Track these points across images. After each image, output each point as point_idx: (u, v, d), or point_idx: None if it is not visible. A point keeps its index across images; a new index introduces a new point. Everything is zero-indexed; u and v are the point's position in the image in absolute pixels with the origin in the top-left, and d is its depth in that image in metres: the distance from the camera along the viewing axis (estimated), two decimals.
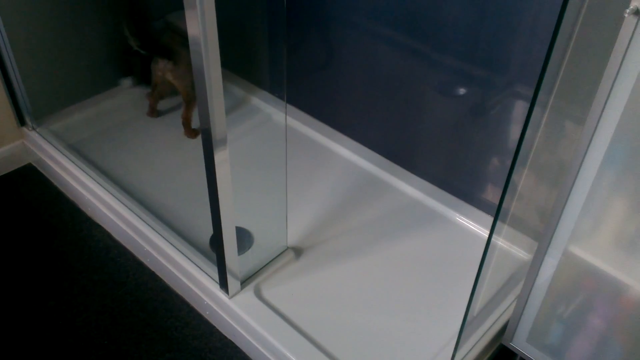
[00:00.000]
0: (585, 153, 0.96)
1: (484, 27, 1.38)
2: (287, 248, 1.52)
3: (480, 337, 1.31)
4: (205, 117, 1.07)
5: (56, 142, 1.82)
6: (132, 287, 1.56)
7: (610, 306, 1.07)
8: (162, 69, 1.80)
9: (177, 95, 1.93)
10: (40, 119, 1.87)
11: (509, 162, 1.50)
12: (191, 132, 1.89)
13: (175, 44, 1.81)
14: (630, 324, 1.06)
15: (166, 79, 1.83)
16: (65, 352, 1.40)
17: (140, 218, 1.58)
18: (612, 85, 0.88)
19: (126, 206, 1.61)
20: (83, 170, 1.72)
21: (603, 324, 1.11)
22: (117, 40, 1.95)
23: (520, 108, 1.41)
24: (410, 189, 1.71)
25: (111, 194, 1.65)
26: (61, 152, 1.78)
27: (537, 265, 1.13)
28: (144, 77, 2.01)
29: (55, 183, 1.85)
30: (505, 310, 1.36)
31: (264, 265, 1.47)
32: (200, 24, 0.95)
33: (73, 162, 1.75)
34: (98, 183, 1.68)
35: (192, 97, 1.84)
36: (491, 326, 1.33)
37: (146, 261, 1.61)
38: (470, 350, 1.29)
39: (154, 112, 1.98)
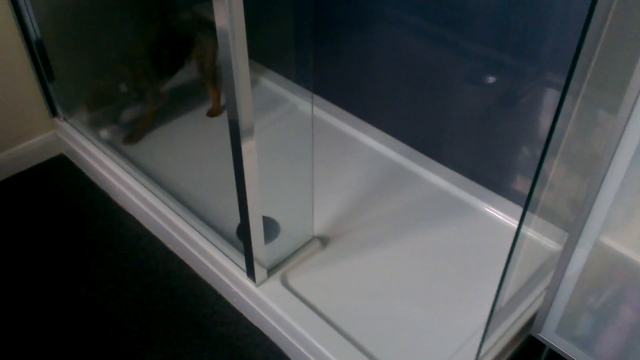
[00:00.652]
0: (618, 142, 0.94)
1: (513, 13, 1.35)
2: (314, 237, 1.53)
3: (508, 327, 1.30)
4: (232, 107, 1.08)
5: (87, 133, 1.85)
6: (161, 274, 1.58)
7: None
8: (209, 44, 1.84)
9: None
10: (72, 110, 1.91)
11: (539, 152, 1.47)
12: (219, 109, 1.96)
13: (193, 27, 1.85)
14: None
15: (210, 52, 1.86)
16: (96, 337, 1.44)
17: (170, 207, 1.60)
18: None
19: (156, 195, 1.64)
20: (113, 160, 1.75)
21: (634, 316, 1.09)
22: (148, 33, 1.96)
23: (551, 96, 1.39)
24: (438, 178, 1.70)
25: (141, 183, 1.67)
26: (92, 142, 1.82)
27: (567, 255, 1.12)
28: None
29: (87, 173, 1.88)
30: (534, 301, 1.34)
31: (291, 254, 1.48)
32: (228, 15, 0.95)
33: (103, 152, 1.78)
34: (128, 173, 1.71)
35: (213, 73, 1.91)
36: (519, 317, 1.32)
37: (175, 249, 1.63)
38: (498, 340, 1.28)
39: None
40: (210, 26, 1.83)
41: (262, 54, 2.09)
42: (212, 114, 1.97)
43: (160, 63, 1.84)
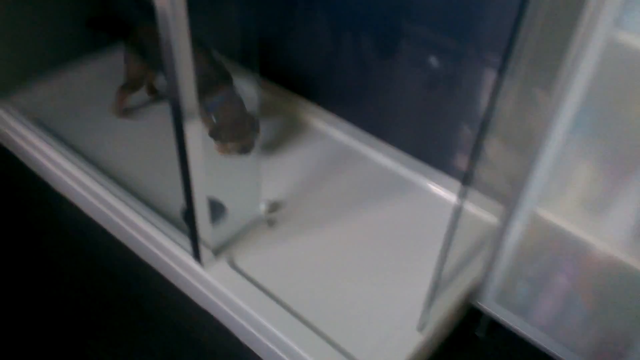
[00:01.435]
0: (553, 119, 0.98)
1: None
2: (260, 217, 1.53)
3: (450, 298, 1.35)
4: (174, 87, 1.05)
5: (21, 118, 1.77)
6: (103, 260, 1.54)
7: (575, 266, 1.11)
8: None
9: None
10: (5, 93, 1.81)
11: (478, 130, 1.52)
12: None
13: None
14: (594, 282, 1.11)
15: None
16: (38, 326, 1.39)
17: (110, 191, 1.56)
18: (580, 51, 0.89)
19: (95, 180, 1.58)
20: (50, 145, 1.68)
21: (568, 283, 1.15)
22: (81, 13, 1.88)
23: (490, 76, 1.43)
24: (383, 157, 1.72)
25: (79, 168, 1.62)
26: (27, 127, 1.74)
27: (504, 227, 1.16)
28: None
29: (22, 158, 1.80)
30: (474, 272, 1.39)
31: (238, 235, 1.47)
32: None
33: (39, 137, 1.71)
34: (66, 157, 1.65)
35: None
36: (460, 287, 1.37)
37: (117, 234, 1.59)
38: (441, 311, 1.32)
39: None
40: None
41: (204, 34, 2.03)
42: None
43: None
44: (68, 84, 1.94)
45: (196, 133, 1.14)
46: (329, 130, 1.82)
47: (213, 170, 1.29)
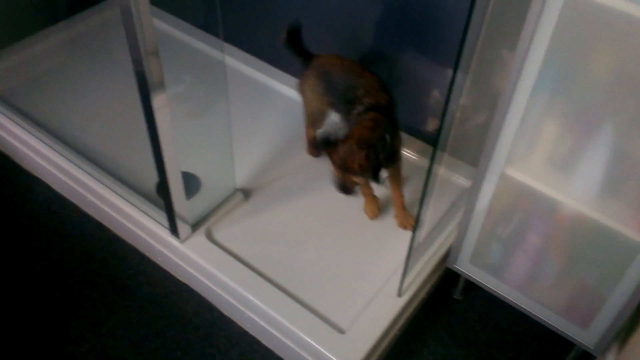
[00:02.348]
0: (518, 78, 0.98)
1: None
2: (236, 190, 1.52)
3: (427, 262, 1.37)
4: (138, 59, 1.03)
5: None
6: (78, 238, 1.53)
7: (545, 223, 1.13)
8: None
9: None
10: None
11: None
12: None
13: None
14: (564, 238, 1.13)
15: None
16: (17, 308, 1.38)
17: (81, 168, 1.53)
18: (541, 10, 0.89)
19: (65, 157, 1.56)
20: (15, 122, 1.64)
21: (539, 241, 1.17)
22: None
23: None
24: None
25: (48, 145, 1.59)
26: None
27: (476, 190, 1.18)
28: None
29: None
30: (448, 236, 1.42)
31: (214, 208, 1.47)
32: None
33: (3, 113, 1.66)
34: (32, 135, 1.61)
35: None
36: (436, 251, 1.39)
37: (91, 212, 1.58)
38: (418, 275, 1.34)
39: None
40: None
41: (168, 1, 1.99)
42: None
43: None
44: (30, 57, 1.87)
45: (165, 106, 1.12)
46: (298, 98, 1.80)
47: (185, 143, 1.27)
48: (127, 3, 0.95)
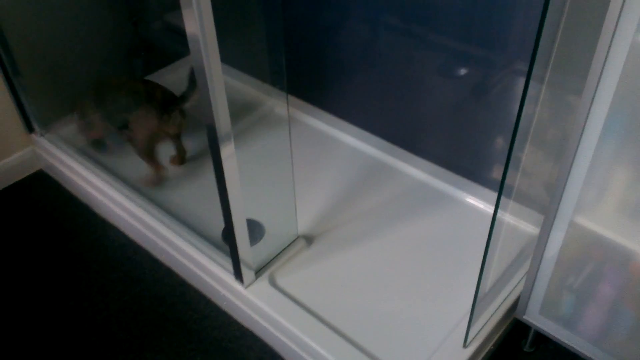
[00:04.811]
0: (585, 124, 0.97)
1: (479, 5, 1.38)
2: (298, 236, 1.54)
3: (493, 312, 1.33)
4: (208, 113, 1.09)
5: (65, 147, 1.85)
6: (149, 283, 1.59)
7: (619, 274, 1.09)
8: (179, 120, 1.70)
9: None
10: (48, 125, 1.90)
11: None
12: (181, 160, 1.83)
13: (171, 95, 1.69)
14: (639, 290, 1.08)
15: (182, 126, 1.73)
16: (88, 350, 1.44)
17: (153, 215, 1.61)
18: (607, 55, 0.89)
19: (138, 205, 1.64)
20: (93, 173, 1.75)
21: (613, 292, 1.12)
22: (119, 44, 1.96)
23: (520, 84, 1.42)
24: (416, 171, 1.72)
25: (122, 193, 1.68)
26: (71, 156, 1.81)
27: (544, 238, 1.15)
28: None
29: (67, 187, 1.88)
30: (516, 285, 1.38)
31: (277, 255, 1.49)
32: (198, 21, 0.96)
33: (83, 165, 1.78)
34: (109, 184, 1.71)
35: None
36: (503, 301, 1.35)
37: (161, 257, 1.64)
38: (484, 325, 1.31)
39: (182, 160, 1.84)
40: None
41: (234, 58, 2.09)
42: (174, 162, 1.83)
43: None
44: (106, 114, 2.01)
45: (232, 156, 1.17)
46: (360, 146, 1.83)
47: (250, 191, 1.31)
48: (200, 63, 1.01)
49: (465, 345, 1.27)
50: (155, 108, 1.66)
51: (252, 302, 1.40)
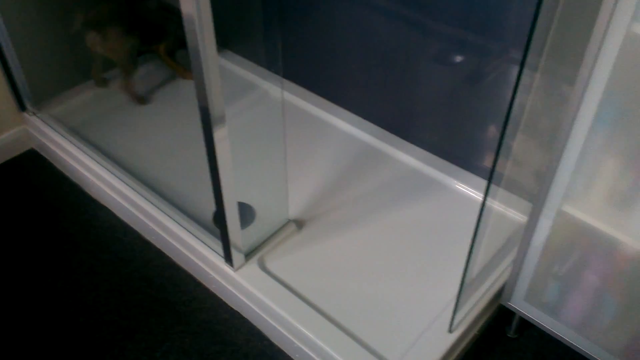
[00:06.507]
0: (576, 113, 0.97)
1: None
2: (289, 220, 1.55)
3: (479, 298, 1.35)
4: (202, 95, 1.09)
5: (57, 126, 1.84)
6: (139, 264, 1.59)
7: (604, 263, 1.10)
8: (91, 41, 1.82)
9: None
10: (40, 103, 1.89)
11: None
12: (139, 99, 1.95)
13: (104, 16, 1.83)
14: (623, 279, 1.09)
15: (97, 51, 1.85)
16: (76, 330, 1.45)
17: (144, 197, 1.60)
18: (600, 45, 0.89)
19: (129, 186, 1.64)
20: (85, 153, 1.74)
21: (598, 280, 1.14)
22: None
23: (514, 72, 1.43)
24: (408, 157, 1.73)
25: (114, 174, 1.67)
26: (62, 135, 1.80)
27: (532, 226, 1.16)
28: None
29: (59, 167, 1.87)
30: (503, 272, 1.39)
31: (267, 238, 1.50)
32: (194, 1, 0.96)
33: (75, 145, 1.77)
34: (100, 164, 1.70)
35: (127, 66, 1.90)
36: (490, 287, 1.37)
37: (151, 239, 1.64)
38: (470, 311, 1.32)
39: (100, 82, 2.00)
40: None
41: (230, 41, 2.09)
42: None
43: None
44: (101, 93, 2.00)
45: (225, 139, 1.17)
46: (353, 131, 1.84)
47: (242, 174, 1.32)
48: (195, 44, 1.01)
49: (450, 331, 1.28)
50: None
51: (241, 285, 1.41)
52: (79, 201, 1.77)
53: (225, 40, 2.09)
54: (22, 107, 1.87)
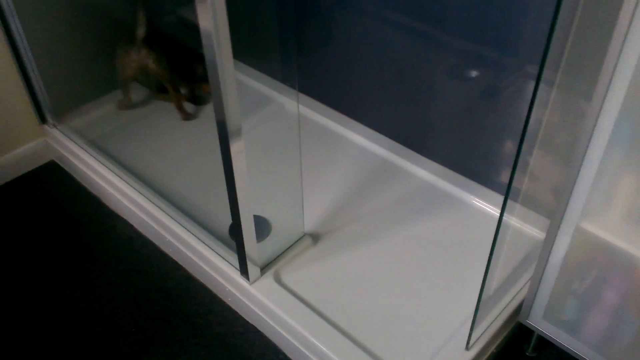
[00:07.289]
0: (593, 129, 0.97)
1: (491, 7, 1.38)
2: (305, 234, 1.55)
3: (497, 315, 1.33)
4: (219, 109, 1.10)
5: (77, 139, 1.87)
6: (155, 276, 1.60)
7: (623, 280, 1.08)
8: (144, 57, 1.86)
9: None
10: (61, 116, 1.92)
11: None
12: (186, 114, 1.98)
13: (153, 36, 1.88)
14: None
15: (148, 67, 1.89)
16: (93, 341, 1.45)
17: (162, 209, 1.62)
18: (617, 60, 0.89)
19: (147, 198, 1.65)
20: (104, 165, 1.77)
21: (617, 298, 1.12)
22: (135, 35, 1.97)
23: (530, 87, 1.42)
24: (424, 172, 1.73)
25: (132, 187, 1.69)
26: (82, 147, 1.83)
27: (550, 242, 1.15)
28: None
29: (78, 178, 1.90)
30: (521, 289, 1.38)
31: (283, 252, 1.50)
32: (212, 17, 0.97)
33: (94, 157, 1.80)
34: (119, 177, 1.72)
35: (177, 81, 1.95)
36: (507, 305, 1.35)
37: (168, 251, 1.65)
38: (487, 328, 1.31)
39: (128, 105, 2.03)
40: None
41: (247, 55, 2.11)
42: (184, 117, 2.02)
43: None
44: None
45: (241, 152, 1.18)
46: (369, 145, 1.84)
47: (258, 187, 1.32)
48: (212, 58, 1.02)
49: (467, 348, 1.27)
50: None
51: (256, 299, 1.41)
52: (97, 213, 1.79)
53: (242, 54, 2.11)
54: (42, 120, 1.90)
